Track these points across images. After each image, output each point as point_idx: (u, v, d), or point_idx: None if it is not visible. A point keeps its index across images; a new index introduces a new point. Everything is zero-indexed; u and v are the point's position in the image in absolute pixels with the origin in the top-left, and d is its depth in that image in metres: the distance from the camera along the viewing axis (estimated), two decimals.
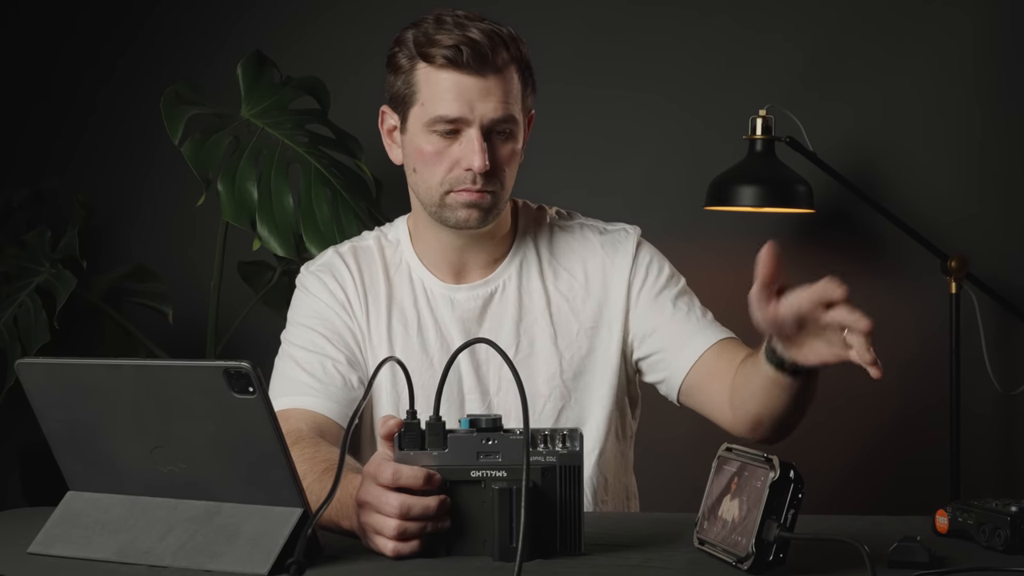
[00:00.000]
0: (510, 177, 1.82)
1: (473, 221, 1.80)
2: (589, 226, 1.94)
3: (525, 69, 1.82)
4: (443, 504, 1.37)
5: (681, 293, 1.91)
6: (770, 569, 1.30)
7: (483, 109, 1.75)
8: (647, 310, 1.88)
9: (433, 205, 1.81)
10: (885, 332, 3.04)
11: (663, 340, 1.87)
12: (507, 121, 1.78)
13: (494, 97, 1.76)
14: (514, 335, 1.87)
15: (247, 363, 1.28)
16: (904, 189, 3.05)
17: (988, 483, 3.00)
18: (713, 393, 1.82)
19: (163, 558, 1.35)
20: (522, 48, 1.81)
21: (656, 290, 1.89)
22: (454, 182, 1.78)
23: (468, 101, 1.75)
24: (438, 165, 1.78)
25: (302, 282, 1.92)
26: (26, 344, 2.70)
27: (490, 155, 1.76)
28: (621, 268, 1.90)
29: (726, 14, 3.08)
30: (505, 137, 1.79)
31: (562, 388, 1.87)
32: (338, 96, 2.90)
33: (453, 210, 1.80)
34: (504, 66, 1.77)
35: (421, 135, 1.79)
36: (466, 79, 1.75)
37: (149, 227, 3.23)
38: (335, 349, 1.84)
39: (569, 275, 1.90)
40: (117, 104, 3.22)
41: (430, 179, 1.80)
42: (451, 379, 1.84)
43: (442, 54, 1.75)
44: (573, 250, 1.91)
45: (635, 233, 1.93)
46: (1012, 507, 1.43)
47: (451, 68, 1.75)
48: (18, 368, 1.42)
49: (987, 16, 3.01)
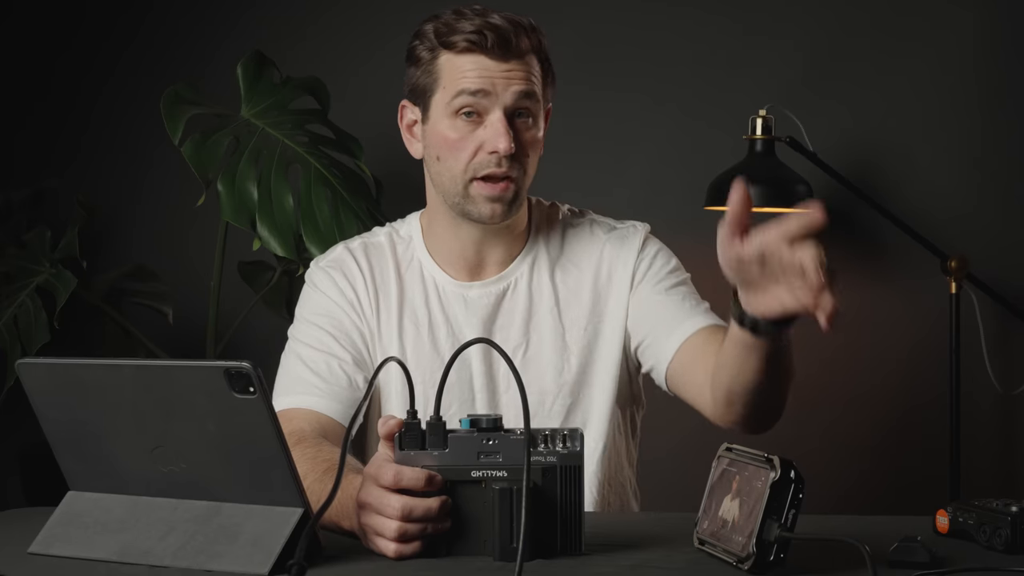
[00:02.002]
0: (532, 165, 1.82)
1: (497, 215, 1.80)
2: (599, 223, 1.94)
3: (545, 60, 1.83)
4: (444, 505, 1.37)
5: (680, 283, 1.90)
6: (770, 569, 1.30)
7: (506, 90, 1.76)
8: (644, 298, 1.88)
9: (456, 196, 1.81)
10: (885, 332, 3.08)
11: (652, 325, 1.86)
12: (529, 97, 1.78)
13: (517, 79, 1.77)
14: (524, 333, 1.87)
15: (247, 363, 1.28)
16: (904, 189, 3.05)
17: (988, 483, 3.00)
18: (697, 377, 1.79)
19: (163, 558, 1.35)
20: (542, 39, 1.82)
21: (656, 279, 1.89)
22: (478, 167, 1.78)
23: (491, 80, 1.76)
24: (463, 151, 1.78)
25: (311, 278, 1.91)
26: (26, 344, 2.70)
27: (514, 139, 1.77)
28: (626, 262, 1.90)
29: (726, 14, 3.09)
30: (528, 122, 1.79)
31: (571, 385, 1.87)
32: (338, 96, 2.90)
33: (476, 204, 1.80)
34: (526, 52, 1.78)
35: (444, 121, 1.79)
36: (488, 61, 1.76)
37: (149, 227, 3.23)
38: (342, 348, 1.84)
39: (577, 271, 1.90)
40: (117, 104, 3.22)
41: (455, 166, 1.79)
42: (462, 377, 1.84)
43: (465, 39, 1.76)
44: (582, 247, 1.91)
45: (643, 229, 1.94)
46: (1013, 507, 1.42)
47: (474, 51, 1.76)
48: (18, 368, 1.42)
49: (988, 16, 3.02)
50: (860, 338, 3.06)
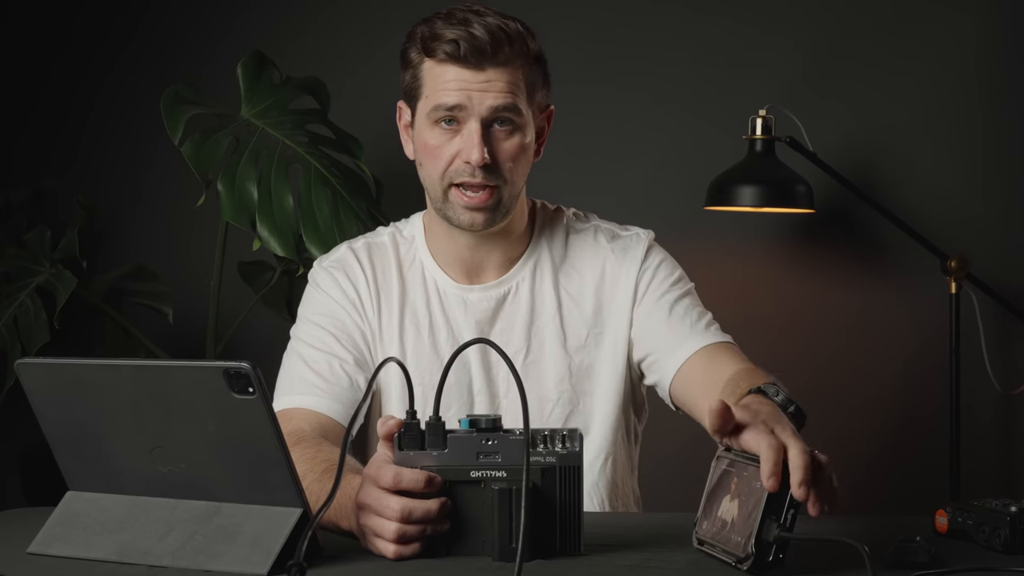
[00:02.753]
0: (517, 172, 1.80)
1: (478, 224, 1.80)
2: (603, 229, 1.93)
3: (534, 63, 1.80)
4: (444, 507, 1.37)
5: (683, 296, 1.89)
6: (770, 569, 1.30)
7: (482, 101, 1.75)
8: (648, 311, 1.87)
9: (438, 201, 1.81)
10: (885, 332, 3.08)
11: (657, 342, 1.86)
12: (508, 110, 1.76)
13: (494, 89, 1.75)
14: (525, 338, 1.86)
15: (247, 363, 1.28)
16: (904, 189, 3.05)
17: (988, 483, 3.00)
18: (699, 401, 1.78)
19: (162, 558, 1.35)
20: (530, 43, 1.79)
21: (660, 292, 1.88)
22: (454, 175, 1.78)
23: (467, 92, 1.75)
24: (440, 159, 1.78)
25: (314, 277, 1.90)
26: (26, 344, 2.70)
27: (491, 149, 1.76)
28: (629, 272, 1.88)
29: (726, 14, 3.08)
30: (509, 131, 1.78)
31: (571, 392, 1.86)
32: (338, 96, 2.90)
33: (456, 211, 1.79)
34: (507, 60, 1.76)
35: (426, 129, 1.79)
36: (465, 72, 1.75)
37: (149, 227, 3.23)
38: (343, 349, 1.83)
39: (580, 278, 1.89)
40: (117, 104, 3.22)
41: (433, 173, 1.79)
42: (461, 381, 1.84)
43: (443, 48, 1.75)
44: (585, 253, 1.90)
45: (647, 237, 1.92)
46: (1012, 507, 1.43)
47: (451, 62, 1.75)
48: (18, 368, 1.42)
49: (988, 16, 3.02)
50: (860, 338, 3.06)
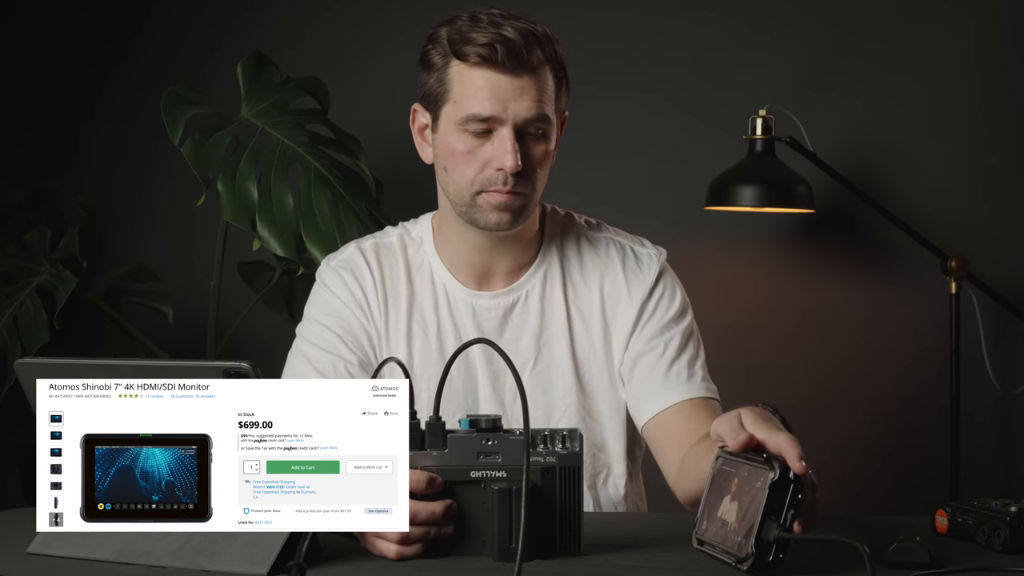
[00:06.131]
0: (541, 179, 1.79)
1: (504, 223, 1.78)
2: (615, 243, 1.90)
3: (559, 69, 1.79)
4: (448, 509, 1.37)
5: (680, 336, 1.86)
6: (770, 569, 1.30)
7: (516, 108, 1.73)
8: (643, 346, 1.85)
9: (463, 205, 1.79)
10: (885, 332, 3.07)
11: (643, 382, 1.84)
12: (540, 121, 1.75)
13: (528, 96, 1.73)
14: (534, 348, 1.84)
15: (247, 363, 1.28)
16: (904, 189, 3.05)
17: (987, 483, 3.00)
18: (668, 452, 1.79)
19: (162, 558, 1.35)
20: (557, 48, 1.78)
21: (660, 326, 1.86)
22: (485, 182, 1.76)
23: (502, 100, 1.73)
24: (469, 165, 1.76)
25: (322, 277, 1.89)
26: (26, 344, 2.70)
27: (522, 155, 1.74)
28: (635, 296, 1.86)
29: (726, 14, 3.08)
30: (538, 138, 1.76)
31: (577, 405, 1.84)
32: (338, 96, 2.90)
33: (483, 212, 1.77)
34: (539, 65, 1.74)
35: (453, 134, 1.76)
36: (500, 78, 1.73)
37: (149, 227, 3.23)
38: (348, 350, 1.83)
39: (588, 291, 1.87)
40: (117, 104, 3.22)
41: (460, 179, 1.77)
42: (468, 388, 1.83)
43: (476, 52, 1.72)
44: (596, 267, 1.88)
45: (659, 259, 1.90)
46: (1012, 507, 1.43)
47: (485, 66, 1.73)
48: (18, 368, 1.42)
49: (988, 16, 3.01)
50: (860, 338, 3.06)
